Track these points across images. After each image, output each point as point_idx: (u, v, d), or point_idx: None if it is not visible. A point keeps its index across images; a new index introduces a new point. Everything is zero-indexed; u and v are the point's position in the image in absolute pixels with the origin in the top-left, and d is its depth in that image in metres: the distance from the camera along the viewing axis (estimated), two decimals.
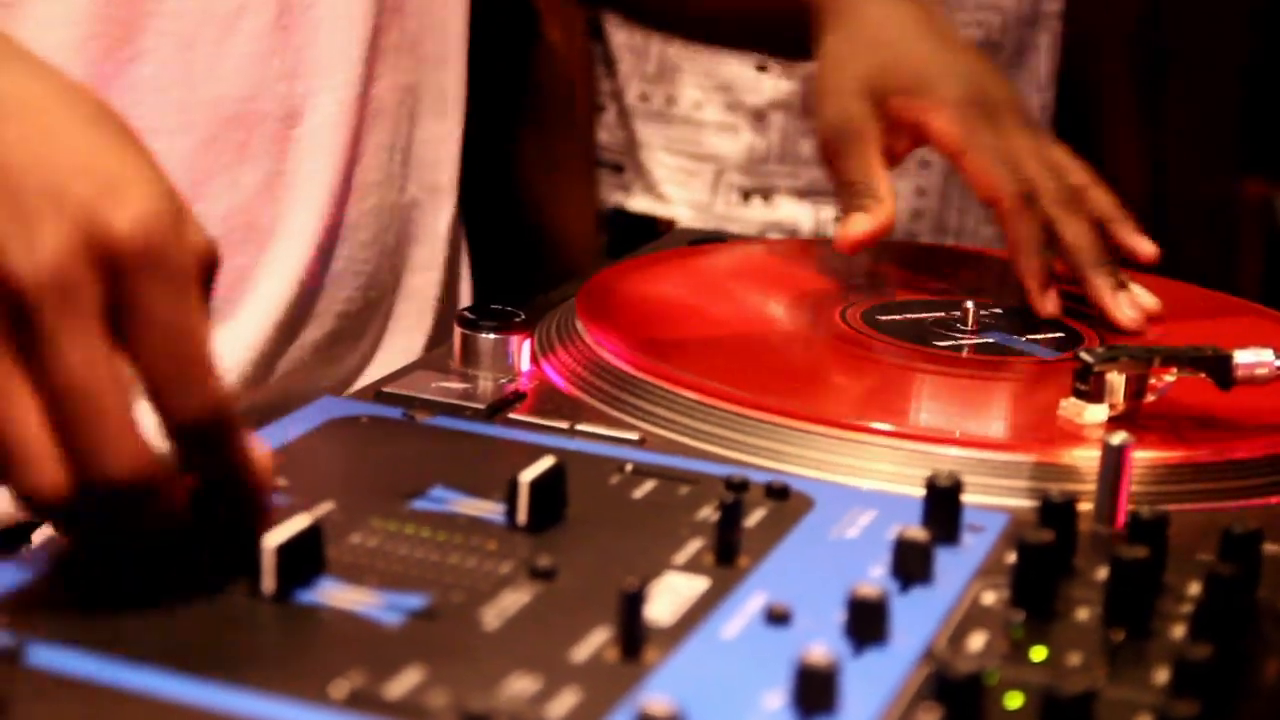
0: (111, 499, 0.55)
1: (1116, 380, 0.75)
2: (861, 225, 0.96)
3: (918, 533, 0.62)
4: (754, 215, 1.62)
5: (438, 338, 1.05)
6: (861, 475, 0.72)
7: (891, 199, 0.97)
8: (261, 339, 0.91)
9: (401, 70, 0.96)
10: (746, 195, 1.62)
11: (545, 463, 0.65)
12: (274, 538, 0.57)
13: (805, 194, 1.60)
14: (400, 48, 0.96)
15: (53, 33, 0.83)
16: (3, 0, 0.82)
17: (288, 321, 0.92)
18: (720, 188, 1.64)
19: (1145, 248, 0.99)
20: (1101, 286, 0.95)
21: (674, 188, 1.66)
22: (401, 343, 1.01)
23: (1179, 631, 0.59)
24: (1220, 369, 0.76)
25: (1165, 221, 1.94)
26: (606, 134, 1.70)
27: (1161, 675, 0.55)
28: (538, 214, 1.71)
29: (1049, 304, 0.96)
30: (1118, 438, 0.67)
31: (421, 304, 1.03)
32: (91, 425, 0.54)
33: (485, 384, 0.81)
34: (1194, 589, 0.62)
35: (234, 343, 0.90)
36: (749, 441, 0.74)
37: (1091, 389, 0.75)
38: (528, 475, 0.64)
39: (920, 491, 0.68)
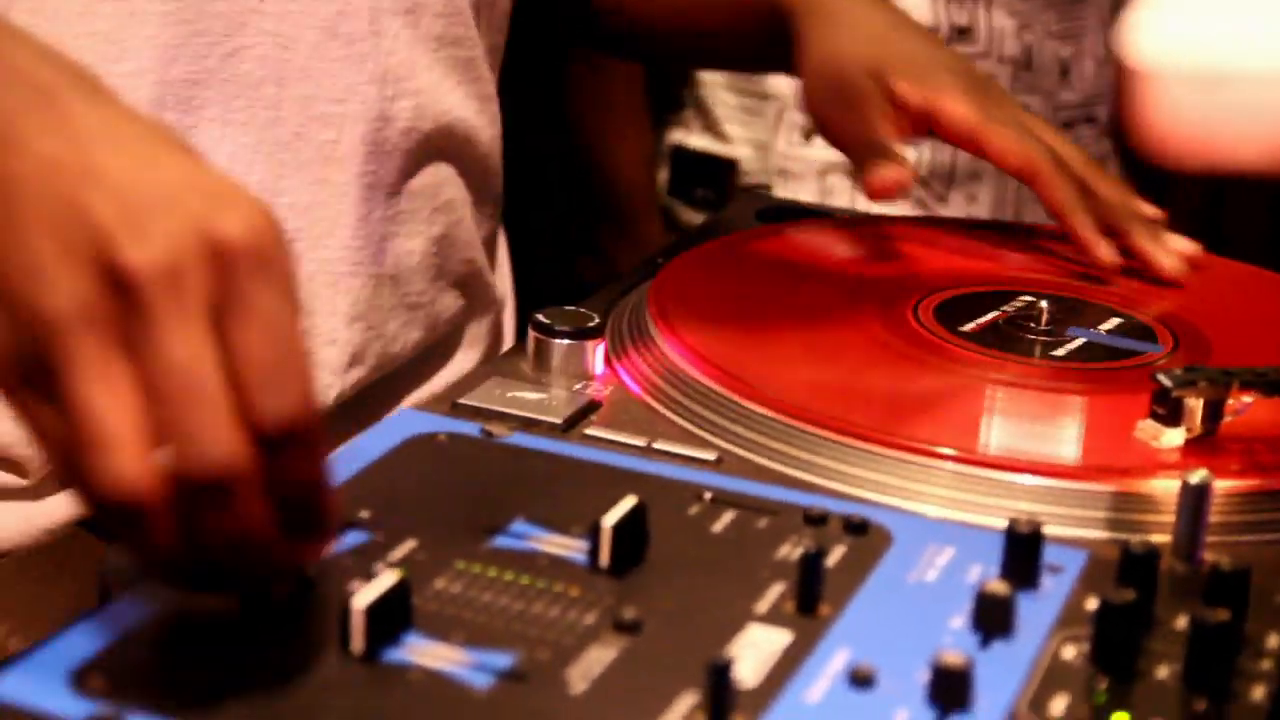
0: (200, 491, 0.54)
1: (1194, 404, 0.75)
2: (890, 173, 0.97)
3: (999, 586, 0.62)
4: (815, 154, 1.62)
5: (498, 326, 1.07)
6: (936, 502, 0.72)
7: (906, 159, 0.99)
8: (346, 333, 0.92)
9: (470, 82, 0.97)
10: (808, 134, 1.62)
11: (627, 504, 0.66)
12: (363, 598, 0.58)
13: None
14: (470, 63, 0.96)
15: (158, 27, 0.83)
16: None
17: (365, 308, 0.93)
18: (781, 127, 1.63)
19: (1148, 209, 1.02)
20: (1142, 236, 0.99)
21: (735, 126, 1.65)
22: (472, 328, 1.03)
23: (1259, 693, 0.59)
24: None
25: None
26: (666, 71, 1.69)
27: None
28: (592, 152, 1.71)
29: (1108, 252, 0.99)
30: (1197, 476, 0.67)
31: (484, 286, 1.03)
32: (192, 408, 0.54)
33: (559, 392, 0.81)
34: (1274, 641, 0.62)
35: (325, 338, 0.92)
36: (824, 464, 0.75)
37: (1168, 413, 0.75)
38: (610, 519, 0.65)
39: (995, 520, 0.69)
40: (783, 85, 1.61)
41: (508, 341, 1.10)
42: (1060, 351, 0.87)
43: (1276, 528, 0.72)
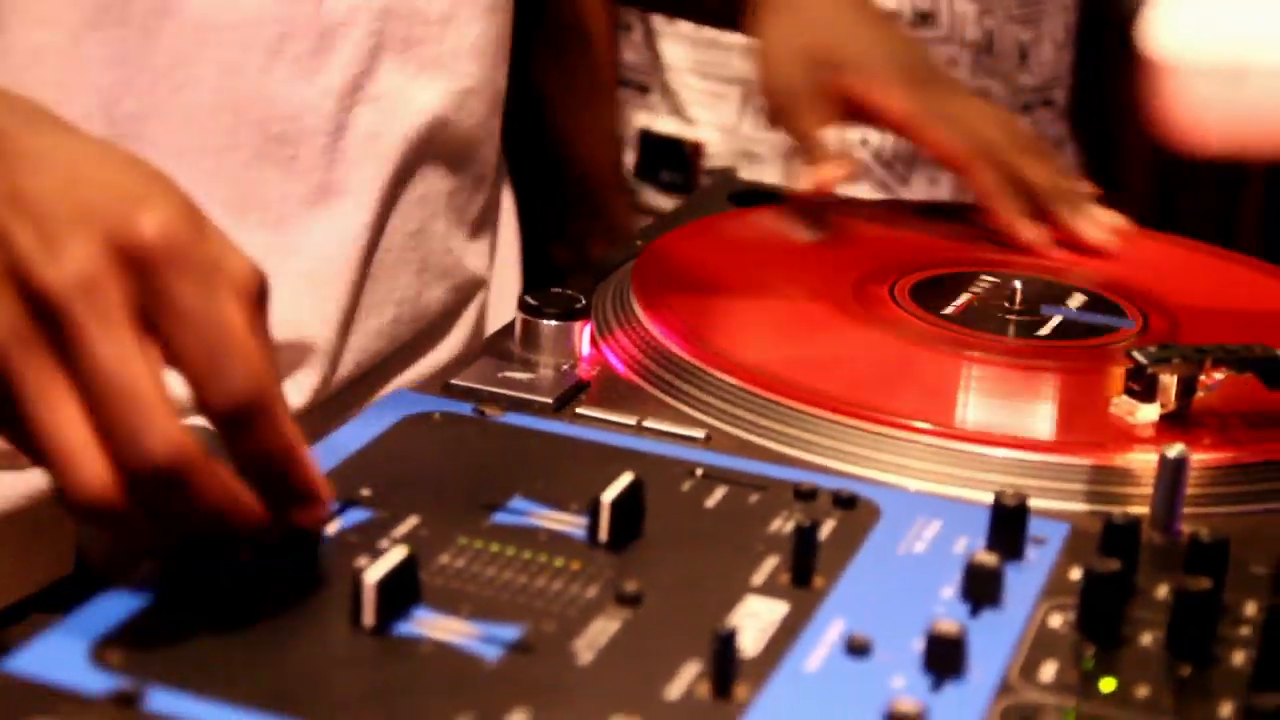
0: (154, 485, 0.57)
1: (1168, 381, 0.77)
2: (830, 172, 1.04)
3: (987, 558, 0.64)
4: (780, 137, 1.63)
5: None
6: (921, 476, 0.74)
7: (847, 153, 1.06)
8: (336, 337, 0.93)
9: (440, 79, 0.97)
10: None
11: (624, 480, 0.67)
12: (374, 572, 0.60)
13: None
14: (438, 60, 0.97)
15: (103, 67, 0.84)
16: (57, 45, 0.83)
17: (349, 310, 0.94)
18: (747, 110, 1.65)
19: (1083, 187, 1.07)
20: (1065, 213, 1.04)
21: (701, 110, 1.67)
22: (456, 314, 1.04)
23: (1240, 658, 0.61)
24: (1269, 370, 0.78)
25: None
26: (632, 54, 1.70)
27: (1227, 709, 0.58)
28: (559, 136, 1.72)
29: (1030, 231, 1.03)
30: (1174, 450, 0.69)
31: (467, 272, 1.04)
32: (126, 411, 0.56)
33: (547, 371, 0.83)
34: (1251, 608, 0.65)
35: (316, 346, 0.93)
36: (810, 440, 0.77)
37: (1143, 389, 0.78)
38: (609, 495, 0.66)
39: (979, 494, 0.72)
40: (748, 68, 1.63)
41: (494, 322, 1.11)
42: (1036, 330, 0.90)
43: (1248, 499, 0.74)
